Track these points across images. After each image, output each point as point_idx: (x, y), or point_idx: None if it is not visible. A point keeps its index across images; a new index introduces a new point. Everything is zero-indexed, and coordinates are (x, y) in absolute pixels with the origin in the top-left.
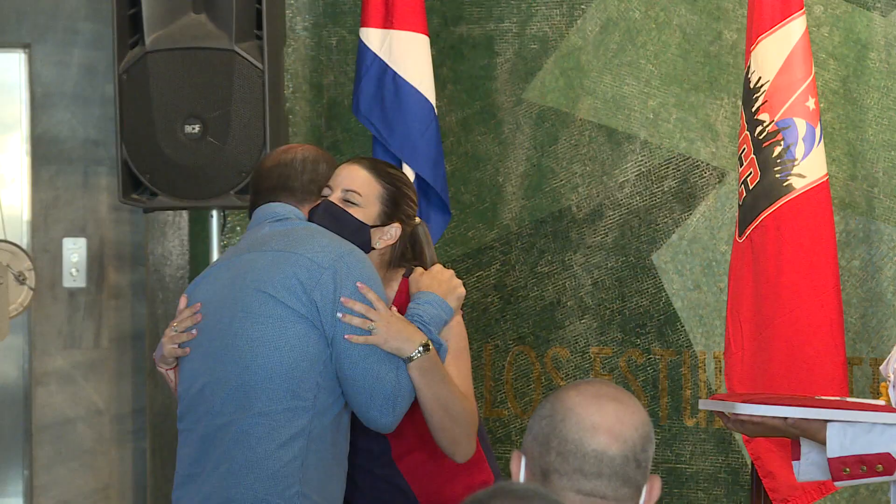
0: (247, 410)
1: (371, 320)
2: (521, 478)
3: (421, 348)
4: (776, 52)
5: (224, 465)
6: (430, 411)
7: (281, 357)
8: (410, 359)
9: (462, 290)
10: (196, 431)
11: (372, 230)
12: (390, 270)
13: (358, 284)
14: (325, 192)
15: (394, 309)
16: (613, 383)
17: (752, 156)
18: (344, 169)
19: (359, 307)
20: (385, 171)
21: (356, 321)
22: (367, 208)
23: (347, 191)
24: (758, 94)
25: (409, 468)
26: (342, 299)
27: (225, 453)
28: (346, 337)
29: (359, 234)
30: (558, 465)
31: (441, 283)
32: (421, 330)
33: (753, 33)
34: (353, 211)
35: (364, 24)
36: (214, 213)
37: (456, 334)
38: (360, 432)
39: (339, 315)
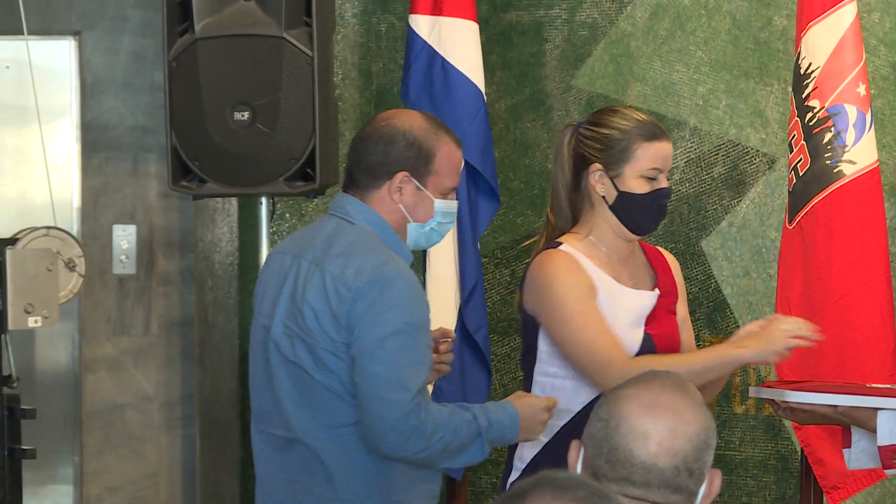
0: (311, 426)
1: None
2: (578, 468)
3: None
4: (827, 38)
5: (300, 480)
6: None
7: (318, 384)
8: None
9: (537, 438)
10: (267, 435)
11: None
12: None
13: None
14: (654, 174)
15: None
16: (676, 382)
17: (803, 142)
18: (667, 148)
19: None
20: None
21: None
22: None
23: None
24: (808, 81)
25: None
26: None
27: (298, 468)
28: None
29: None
30: (607, 471)
31: (533, 416)
32: (472, 425)
33: (804, 19)
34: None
35: (413, 11)
36: (263, 200)
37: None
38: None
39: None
